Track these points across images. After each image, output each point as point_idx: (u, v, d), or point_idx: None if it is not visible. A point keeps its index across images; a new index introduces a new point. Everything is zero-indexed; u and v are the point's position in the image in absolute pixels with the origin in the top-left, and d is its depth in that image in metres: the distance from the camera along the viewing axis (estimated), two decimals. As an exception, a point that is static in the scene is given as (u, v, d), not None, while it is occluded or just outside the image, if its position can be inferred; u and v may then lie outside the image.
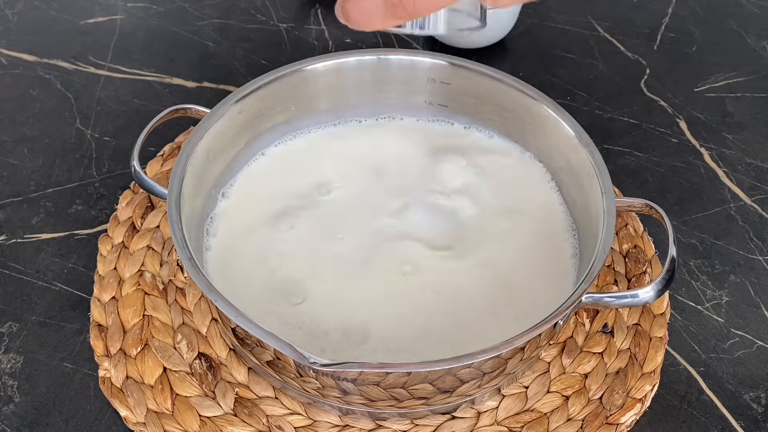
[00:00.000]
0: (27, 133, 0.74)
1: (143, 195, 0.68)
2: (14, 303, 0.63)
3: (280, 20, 0.86)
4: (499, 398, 0.57)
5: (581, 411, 0.57)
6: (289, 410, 0.57)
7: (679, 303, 0.64)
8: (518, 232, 0.61)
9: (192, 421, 0.56)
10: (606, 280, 0.64)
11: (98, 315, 0.61)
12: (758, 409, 0.59)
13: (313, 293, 0.57)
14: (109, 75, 0.80)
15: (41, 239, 0.67)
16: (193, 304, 0.61)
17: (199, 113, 0.61)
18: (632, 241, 0.66)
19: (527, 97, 0.62)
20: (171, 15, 0.86)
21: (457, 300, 0.57)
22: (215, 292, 0.50)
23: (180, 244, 0.52)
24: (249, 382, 0.58)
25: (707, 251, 0.68)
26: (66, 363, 0.60)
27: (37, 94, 0.78)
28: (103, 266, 0.64)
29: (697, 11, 0.88)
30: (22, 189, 0.70)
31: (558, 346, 0.60)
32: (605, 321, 0.61)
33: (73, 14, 0.85)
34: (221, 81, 0.79)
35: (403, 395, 0.52)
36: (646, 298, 0.52)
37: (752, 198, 0.71)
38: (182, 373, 0.58)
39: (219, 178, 0.62)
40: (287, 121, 0.66)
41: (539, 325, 0.49)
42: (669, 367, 0.61)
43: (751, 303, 0.64)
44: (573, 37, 0.85)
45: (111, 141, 0.74)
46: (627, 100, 0.79)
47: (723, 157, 0.74)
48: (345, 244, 0.60)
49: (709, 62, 0.83)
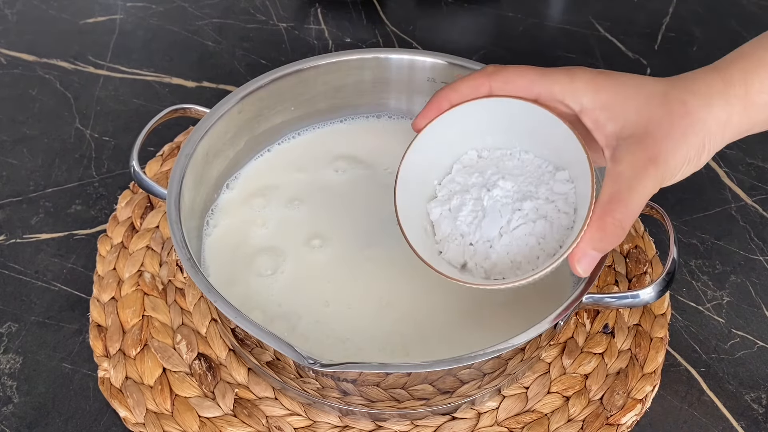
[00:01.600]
0: (26, 133, 0.74)
1: (142, 195, 0.67)
2: (13, 303, 0.63)
3: (279, 20, 0.86)
4: (500, 399, 0.57)
5: (582, 412, 0.57)
6: (289, 411, 0.56)
7: (680, 303, 0.64)
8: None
9: (191, 422, 0.56)
10: (606, 281, 0.64)
11: (97, 315, 0.61)
12: (759, 410, 0.59)
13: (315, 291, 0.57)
14: (108, 75, 0.79)
15: (40, 239, 0.66)
16: (193, 305, 0.61)
17: (198, 113, 0.61)
18: (633, 241, 0.66)
19: (527, 96, 0.61)
20: (170, 15, 0.86)
21: (456, 302, 0.57)
22: (215, 293, 0.50)
23: (180, 244, 0.52)
24: (249, 383, 0.58)
25: (708, 251, 0.68)
26: (65, 363, 0.60)
27: (37, 93, 0.77)
28: (102, 266, 0.63)
29: (697, 11, 0.88)
30: (21, 189, 0.70)
31: (558, 347, 0.60)
32: (606, 321, 0.61)
33: (72, 14, 0.85)
34: (221, 81, 0.79)
35: (403, 396, 0.52)
36: (647, 298, 0.51)
37: (753, 198, 0.71)
38: (182, 374, 0.58)
39: (219, 177, 0.62)
40: (287, 121, 0.66)
41: (539, 325, 0.49)
42: (670, 368, 0.60)
43: (751, 303, 0.64)
44: (573, 37, 0.85)
45: (110, 141, 0.74)
46: None
47: (724, 158, 0.74)
48: (345, 241, 0.60)
49: (710, 62, 0.82)
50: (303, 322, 0.56)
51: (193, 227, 0.58)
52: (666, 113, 0.46)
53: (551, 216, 0.50)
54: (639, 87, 0.47)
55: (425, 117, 0.51)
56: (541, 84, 0.48)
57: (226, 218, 0.62)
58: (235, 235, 0.61)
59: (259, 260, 0.59)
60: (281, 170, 0.65)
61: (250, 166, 0.65)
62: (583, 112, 0.47)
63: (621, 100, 0.47)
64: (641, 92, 0.47)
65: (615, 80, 0.47)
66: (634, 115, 0.46)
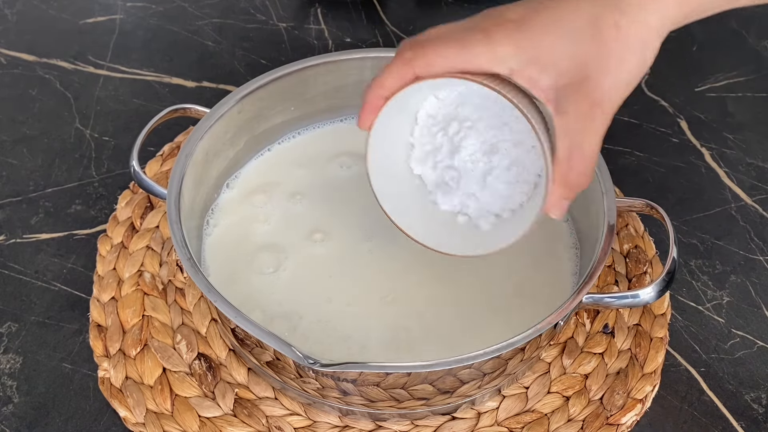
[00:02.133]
0: (26, 133, 0.74)
1: (142, 195, 0.67)
2: (13, 303, 0.63)
3: (279, 20, 0.86)
4: (500, 399, 0.57)
5: (582, 411, 0.57)
6: (289, 411, 0.56)
7: (680, 303, 0.64)
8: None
9: (191, 422, 0.56)
10: (606, 281, 0.64)
11: (97, 315, 0.61)
12: (759, 410, 0.59)
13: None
14: (108, 75, 0.79)
15: (40, 239, 0.66)
16: (193, 305, 0.61)
17: (198, 113, 0.61)
18: (633, 241, 0.66)
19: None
20: (170, 14, 0.86)
21: (458, 300, 0.57)
22: (215, 293, 0.50)
23: (180, 244, 0.52)
24: (249, 383, 0.58)
25: (708, 251, 0.68)
26: (65, 363, 0.60)
27: (37, 93, 0.77)
28: (102, 266, 0.63)
29: (697, 11, 0.88)
30: (21, 189, 0.70)
31: (558, 347, 0.60)
32: (606, 321, 0.61)
33: (72, 14, 0.85)
34: (221, 81, 0.79)
35: (403, 396, 0.52)
36: (647, 298, 0.51)
37: (753, 198, 0.71)
38: (182, 374, 0.58)
39: (219, 177, 0.62)
40: (287, 121, 0.66)
41: (539, 325, 0.49)
42: (670, 368, 0.60)
43: (751, 303, 0.64)
44: (573, 37, 0.85)
45: (110, 141, 0.74)
46: (627, 100, 0.77)
47: (724, 157, 0.74)
48: (347, 235, 0.60)
49: (710, 62, 0.83)
50: (304, 321, 0.56)
51: (193, 227, 0.58)
52: (599, 47, 0.44)
53: (521, 158, 0.51)
54: (564, 27, 0.44)
55: (366, 120, 0.50)
56: (464, 60, 0.46)
57: (226, 218, 0.62)
58: (236, 233, 0.61)
59: (261, 258, 0.59)
60: (282, 168, 0.65)
61: (251, 166, 0.65)
62: (514, 74, 0.45)
63: (548, 51, 0.45)
64: (568, 33, 0.44)
65: (536, 29, 0.45)
66: (566, 62, 0.44)
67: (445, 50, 0.46)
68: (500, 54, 0.45)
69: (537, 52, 0.44)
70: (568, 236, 0.61)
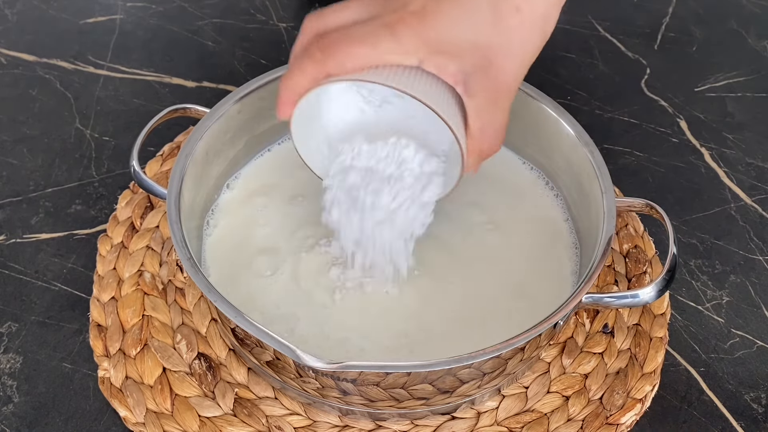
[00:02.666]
0: (26, 133, 0.74)
1: (143, 195, 0.67)
2: (13, 303, 0.63)
3: (279, 20, 0.86)
4: (499, 398, 0.57)
5: (581, 411, 0.57)
6: (289, 410, 0.57)
7: (680, 303, 0.64)
8: (518, 232, 0.61)
9: (191, 422, 0.56)
10: (606, 280, 0.64)
11: (97, 315, 0.61)
12: (758, 410, 0.59)
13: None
14: (108, 75, 0.80)
15: (40, 239, 0.66)
16: (193, 305, 0.61)
17: (198, 113, 0.61)
18: (632, 241, 0.66)
19: (527, 96, 0.61)
20: (170, 14, 0.86)
21: (457, 299, 0.57)
22: (215, 293, 0.50)
23: (179, 244, 0.52)
24: (249, 383, 0.58)
25: (707, 251, 0.68)
26: (65, 363, 0.60)
27: (37, 93, 0.77)
28: (102, 266, 0.64)
29: (697, 11, 0.88)
30: (21, 189, 0.70)
31: (558, 347, 0.60)
32: (605, 321, 0.61)
33: (72, 14, 0.85)
34: (221, 81, 0.79)
35: (403, 395, 0.52)
36: (647, 298, 0.51)
37: (752, 198, 0.71)
38: (182, 374, 0.58)
39: (219, 177, 0.62)
40: (287, 121, 0.65)
41: (539, 325, 0.49)
42: (669, 368, 0.60)
43: (751, 303, 0.64)
44: (573, 37, 0.85)
45: (110, 141, 0.74)
46: (627, 100, 0.79)
47: (723, 157, 0.74)
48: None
49: (710, 62, 0.83)
50: (302, 323, 0.56)
51: (193, 227, 0.58)
52: (500, 35, 0.46)
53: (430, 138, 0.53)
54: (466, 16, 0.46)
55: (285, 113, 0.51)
56: (374, 59, 0.47)
57: (226, 218, 0.62)
58: (236, 234, 0.61)
59: (260, 260, 0.59)
60: (283, 169, 0.65)
61: (251, 166, 0.65)
62: (423, 63, 0.47)
63: (452, 42, 0.46)
64: (470, 23, 0.46)
65: (439, 21, 0.46)
66: (470, 50, 0.46)
67: (357, 50, 0.47)
68: (407, 48, 0.46)
69: (442, 45, 0.46)
70: (568, 236, 0.61)
